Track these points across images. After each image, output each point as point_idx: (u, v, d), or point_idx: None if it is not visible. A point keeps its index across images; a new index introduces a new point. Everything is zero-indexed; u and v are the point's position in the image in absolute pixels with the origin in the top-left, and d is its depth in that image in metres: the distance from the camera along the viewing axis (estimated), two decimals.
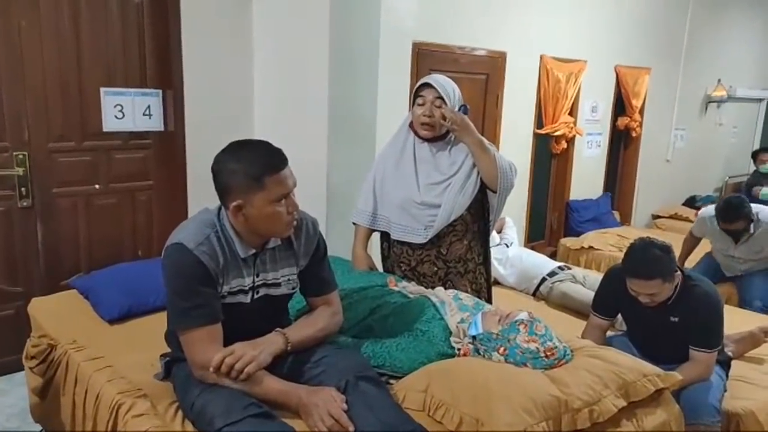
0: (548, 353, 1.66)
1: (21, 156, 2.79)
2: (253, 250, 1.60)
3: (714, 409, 2.03)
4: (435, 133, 2.21)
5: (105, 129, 2.99)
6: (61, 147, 2.90)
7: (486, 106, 4.23)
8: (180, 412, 1.58)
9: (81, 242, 3.04)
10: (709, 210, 3.44)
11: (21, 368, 2.32)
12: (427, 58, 3.72)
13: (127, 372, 1.80)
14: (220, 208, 1.60)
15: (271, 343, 1.58)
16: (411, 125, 2.28)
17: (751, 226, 3.25)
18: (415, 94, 2.23)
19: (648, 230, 5.69)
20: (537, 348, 1.66)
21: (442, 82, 2.19)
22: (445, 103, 2.16)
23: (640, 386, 1.63)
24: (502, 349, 1.69)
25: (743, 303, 3.38)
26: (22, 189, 2.82)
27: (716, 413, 2.03)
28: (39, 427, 2.35)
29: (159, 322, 1.80)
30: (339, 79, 3.12)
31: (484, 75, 4.17)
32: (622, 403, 1.58)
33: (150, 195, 3.22)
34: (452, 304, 1.92)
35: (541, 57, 4.54)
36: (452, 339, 1.80)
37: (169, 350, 1.74)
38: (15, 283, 2.89)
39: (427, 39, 3.71)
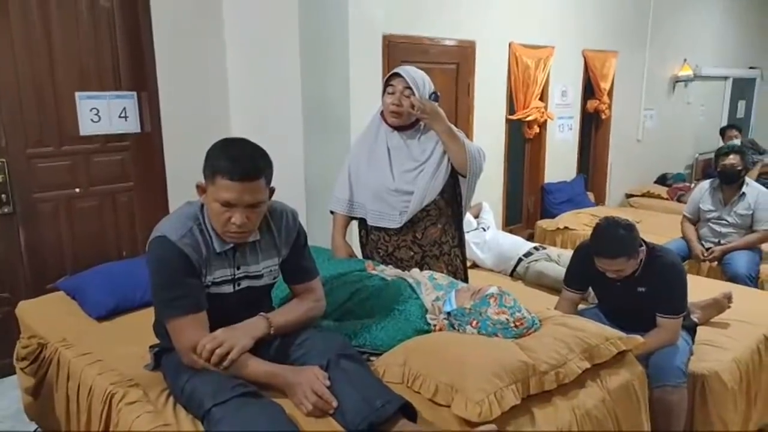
0: (517, 323, 1.76)
1: None
2: (231, 244, 1.63)
3: (680, 371, 2.13)
4: (403, 122, 2.29)
5: (82, 133, 3.02)
6: (39, 152, 2.93)
7: (458, 94, 4.31)
8: (171, 399, 1.65)
9: (65, 246, 3.07)
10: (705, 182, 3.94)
11: (11, 372, 2.35)
12: (397, 50, 3.78)
13: (118, 365, 1.86)
14: (202, 203, 1.65)
15: (254, 327, 1.64)
16: (382, 114, 2.36)
17: (743, 187, 3.69)
18: (386, 84, 2.30)
19: (621, 209, 5.84)
20: (507, 319, 1.75)
21: (411, 72, 2.26)
22: (414, 93, 2.23)
23: (603, 349, 1.74)
24: (474, 322, 1.78)
25: (733, 275, 3.49)
26: (2, 195, 2.84)
27: (682, 375, 2.13)
28: (33, 427, 2.40)
29: (146, 317, 1.86)
30: (311, 73, 3.18)
31: (455, 64, 4.25)
32: (586, 365, 1.68)
33: (131, 196, 3.26)
34: (428, 284, 2.01)
35: (510, 44, 4.62)
36: (428, 316, 1.89)
37: (157, 341, 1.80)
38: (1, 289, 2.92)
39: (397, 31, 3.77)
